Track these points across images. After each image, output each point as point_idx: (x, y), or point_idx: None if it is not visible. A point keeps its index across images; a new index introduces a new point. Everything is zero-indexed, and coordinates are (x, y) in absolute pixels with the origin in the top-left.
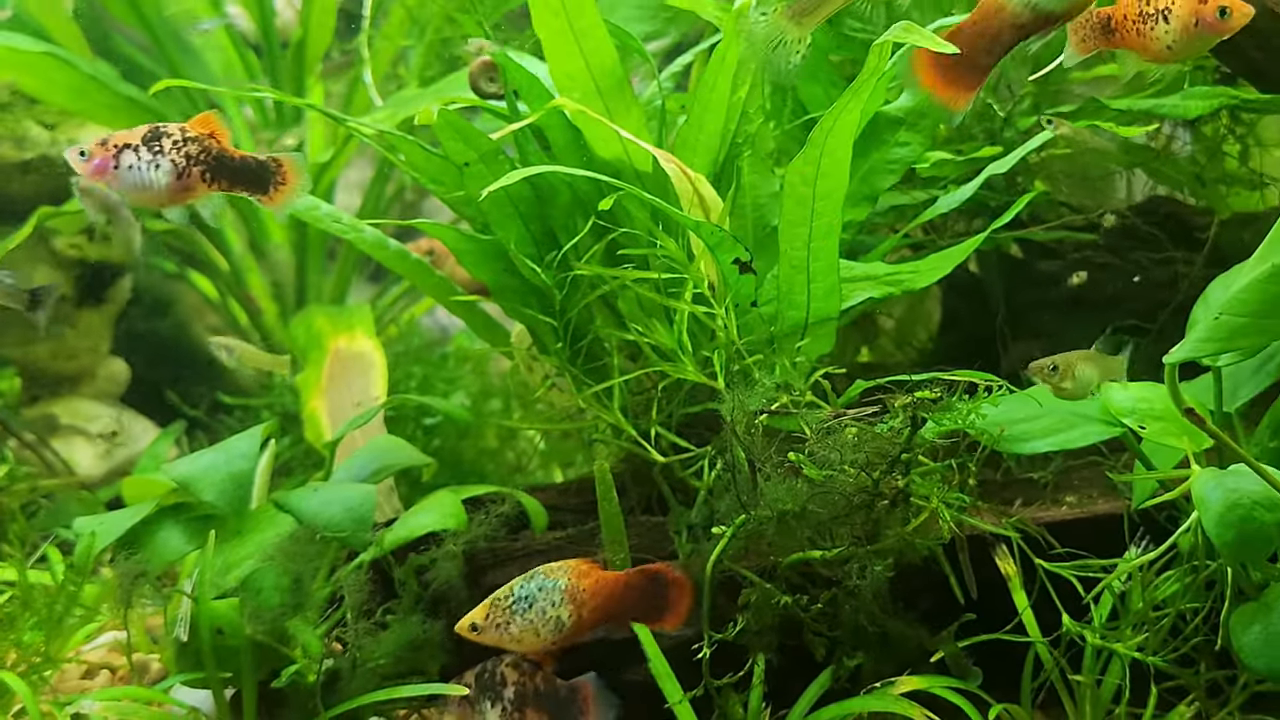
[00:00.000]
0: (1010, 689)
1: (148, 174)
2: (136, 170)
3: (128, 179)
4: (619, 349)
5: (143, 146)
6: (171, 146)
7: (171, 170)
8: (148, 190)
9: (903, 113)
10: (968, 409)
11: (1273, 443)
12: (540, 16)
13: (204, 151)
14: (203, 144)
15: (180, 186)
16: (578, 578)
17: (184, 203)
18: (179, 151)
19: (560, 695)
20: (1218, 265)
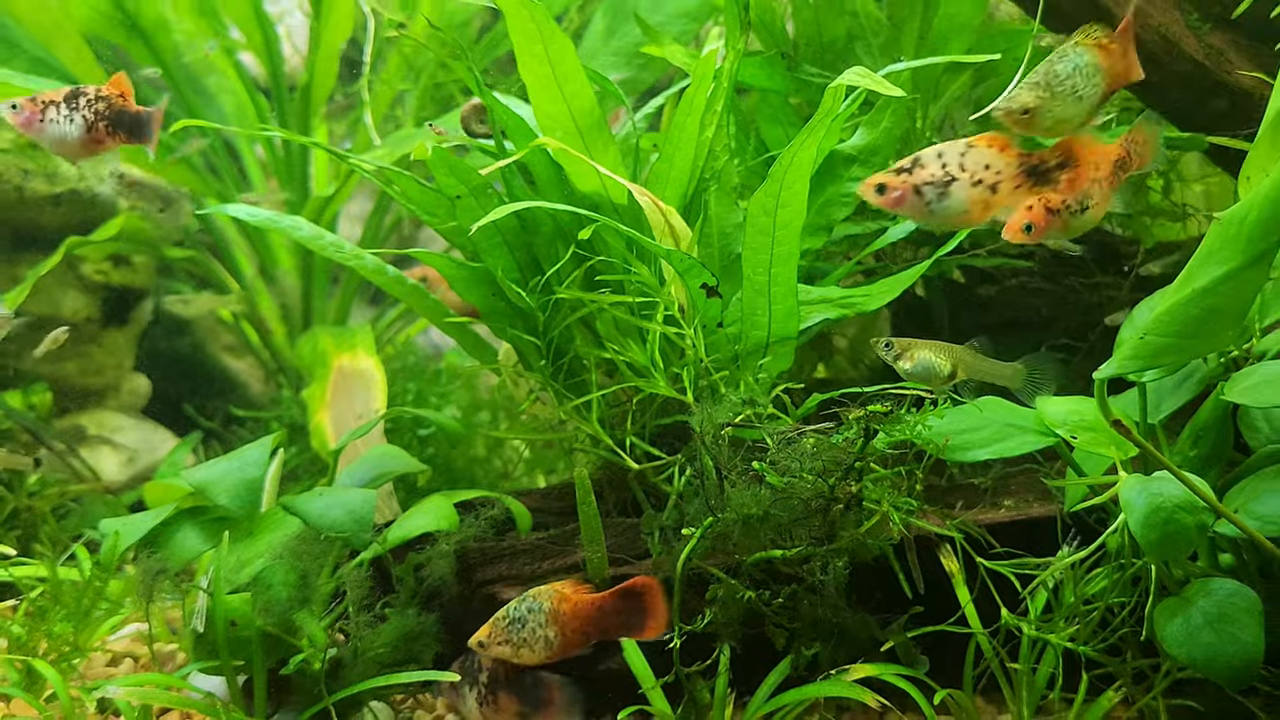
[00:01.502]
0: (954, 676)
1: (65, 127)
2: (56, 124)
3: (50, 131)
4: (597, 366)
5: (63, 103)
6: (85, 104)
7: (83, 124)
8: (65, 142)
9: (856, 150)
10: (915, 421)
11: (1193, 451)
12: (525, 63)
13: (109, 108)
14: (109, 101)
15: (91, 139)
16: (559, 601)
17: (97, 154)
18: (90, 108)
19: (526, 682)
20: (1143, 290)
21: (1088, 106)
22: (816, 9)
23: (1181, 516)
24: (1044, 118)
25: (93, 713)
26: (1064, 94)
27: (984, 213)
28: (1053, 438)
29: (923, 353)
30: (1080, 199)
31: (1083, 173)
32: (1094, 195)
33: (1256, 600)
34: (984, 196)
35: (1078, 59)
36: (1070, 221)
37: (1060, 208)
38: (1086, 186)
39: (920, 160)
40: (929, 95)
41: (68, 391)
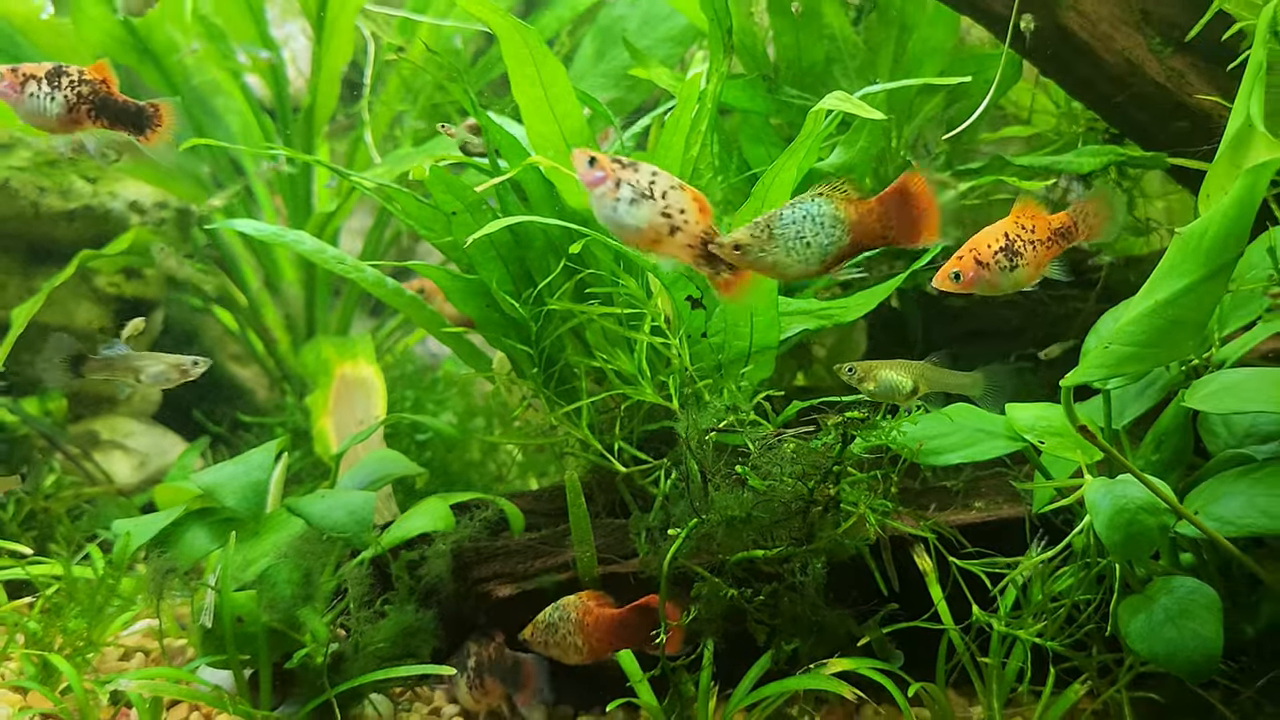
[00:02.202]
0: (927, 670)
1: (44, 103)
2: (36, 99)
3: (28, 105)
4: (587, 374)
5: (45, 80)
6: (68, 84)
7: (64, 104)
8: (42, 117)
9: (834, 168)
10: (890, 427)
11: (1155, 456)
12: (519, 85)
13: (94, 93)
14: (94, 86)
15: (69, 119)
16: (583, 614)
17: (71, 132)
18: (73, 90)
19: (508, 665)
20: (1108, 301)
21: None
22: (796, 34)
23: (1144, 518)
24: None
25: (106, 705)
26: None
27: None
28: (1021, 443)
29: (884, 373)
30: (1010, 256)
31: None
32: (1026, 255)
33: (1216, 598)
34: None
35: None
36: (998, 277)
37: (990, 261)
38: (1026, 245)
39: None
40: (903, 116)
41: (82, 398)
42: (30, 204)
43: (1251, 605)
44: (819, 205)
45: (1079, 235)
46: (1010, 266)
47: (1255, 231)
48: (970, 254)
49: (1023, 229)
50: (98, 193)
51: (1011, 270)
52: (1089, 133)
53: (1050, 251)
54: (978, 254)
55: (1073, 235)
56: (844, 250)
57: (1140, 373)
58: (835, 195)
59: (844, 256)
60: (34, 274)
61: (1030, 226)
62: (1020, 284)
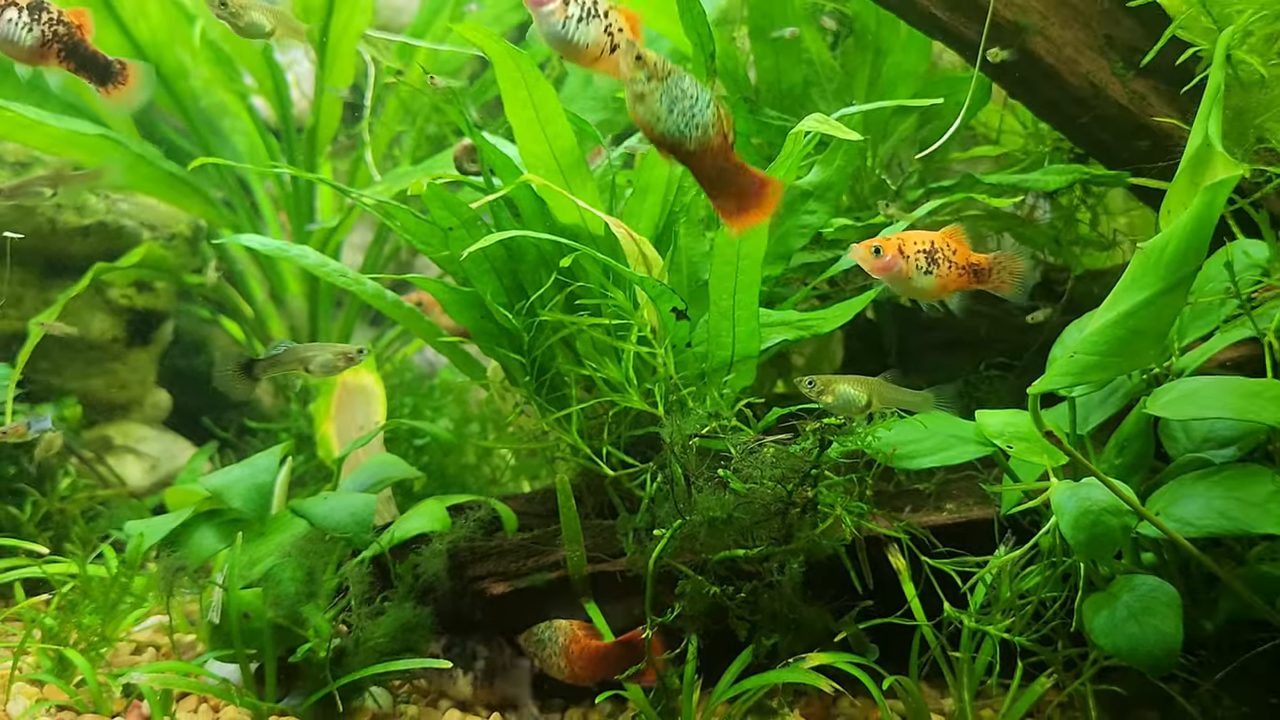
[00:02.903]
0: (901, 664)
1: (19, 32)
2: (12, 25)
3: (3, 30)
4: (577, 382)
5: (26, 10)
6: (46, 20)
7: (38, 38)
8: (13, 45)
9: (812, 186)
10: (866, 432)
11: (1118, 460)
12: (512, 107)
13: (68, 35)
14: (69, 29)
15: (38, 53)
16: (571, 641)
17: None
18: (50, 26)
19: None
20: (1073, 313)
21: (683, 122)
22: (776, 58)
23: (1108, 519)
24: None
25: (119, 697)
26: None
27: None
28: (990, 447)
29: (841, 387)
30: (929, 261)
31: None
32: (940, 269)
33: (1176, 595)
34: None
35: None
36: (911, 275)
37: (911, 255)
38: (944, 260)
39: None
40: (878, 136)
41: (96, 405)
42: (47, 220)
43: (1210, 602)
44: (706, 96)
45: (988, 280)
46: (925, 270)
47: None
48: (897, 240)
49: (949, 247)
50: (110, 209)
51: (924, 274)
52: (1055, 152)
53: (959, 280)
54: (903, 244)
55: (984, 277)
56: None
57: (1104, 381)
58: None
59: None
60: (50, 286)
61: (954, 249)
62: (922, 293)
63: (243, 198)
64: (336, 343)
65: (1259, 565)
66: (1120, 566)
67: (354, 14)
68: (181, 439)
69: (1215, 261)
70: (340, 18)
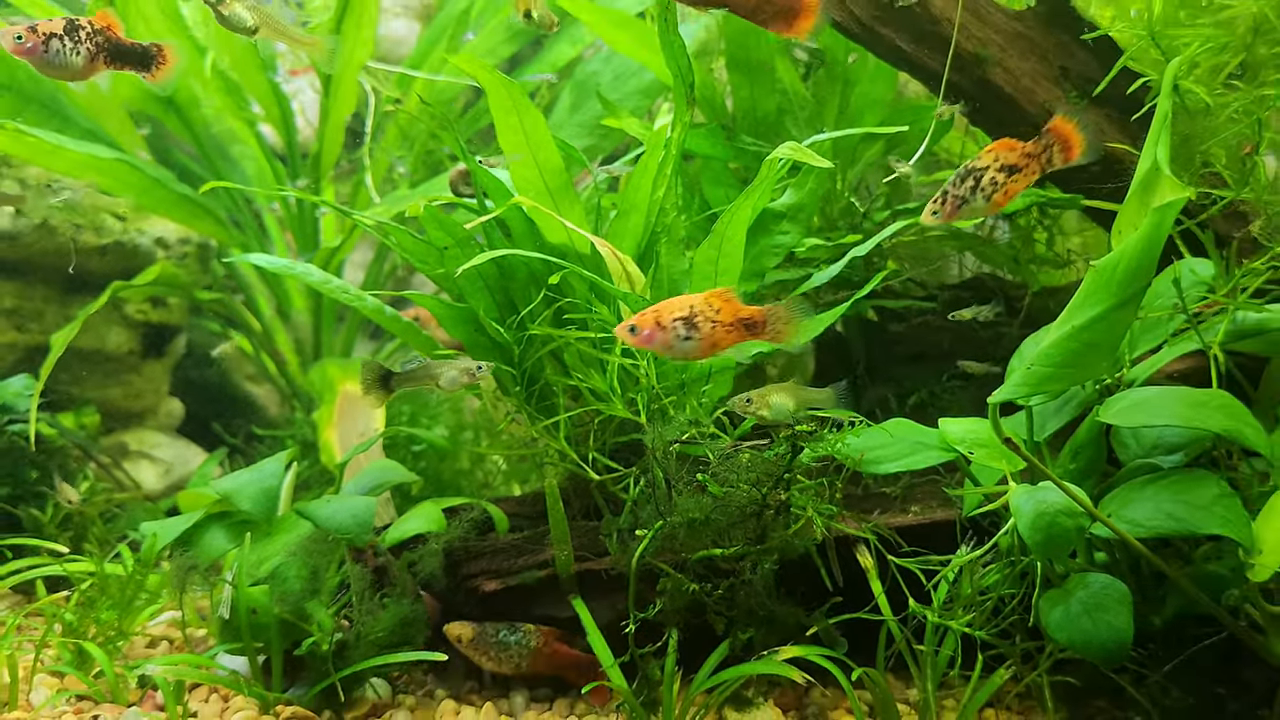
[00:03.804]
0: (869, 656)
1: (69, 57)
2: (61, 54)
3: (54, 60)
4: (564, 392)
5: (65, 36)
6: (85, 36)
7: (86, 55)
8: (66, 69)
9: (785, 208)
10: (835, 439)
11: (1072, 465)
12: (503, 133)
13: (107, 41)
14: (105, 34)
15: (90, 67)
16: (542, 644)
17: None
18: (91, 40)
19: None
20: (1030, 327)
21: None
22: (752, 88)
23: (1063, 520)
24: None
25: (134, 688)
26: None
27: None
28: (953, 453)
29: (771, 398)
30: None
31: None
32: (703, 331)
33: (1127, 592)
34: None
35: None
36: (673, 342)
37: (668, 325)
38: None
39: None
40: (848, 161)
41: (113, 413)
42: (68, 240)
43: (1158, 599)
44: None
45: (763, 332)
46: (685, 336)
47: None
48: (654, 314)
49: (710, 307)
50: (127, 229)
51: (685, 340)
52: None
53: (730, 336)
54: (660, 316)
55: (758, 330)
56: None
57: (1059, 391)
58: None
59: None
60: (70, 302)
61: (718, 308)
62: (690, 355)
63: (251, 219)
64: (463, 361)
65: (1205, 564)
66: (1075, 565)
67: (356, 47)
68: (193, 445)
69: (1164, 279)
70: (344, 50)
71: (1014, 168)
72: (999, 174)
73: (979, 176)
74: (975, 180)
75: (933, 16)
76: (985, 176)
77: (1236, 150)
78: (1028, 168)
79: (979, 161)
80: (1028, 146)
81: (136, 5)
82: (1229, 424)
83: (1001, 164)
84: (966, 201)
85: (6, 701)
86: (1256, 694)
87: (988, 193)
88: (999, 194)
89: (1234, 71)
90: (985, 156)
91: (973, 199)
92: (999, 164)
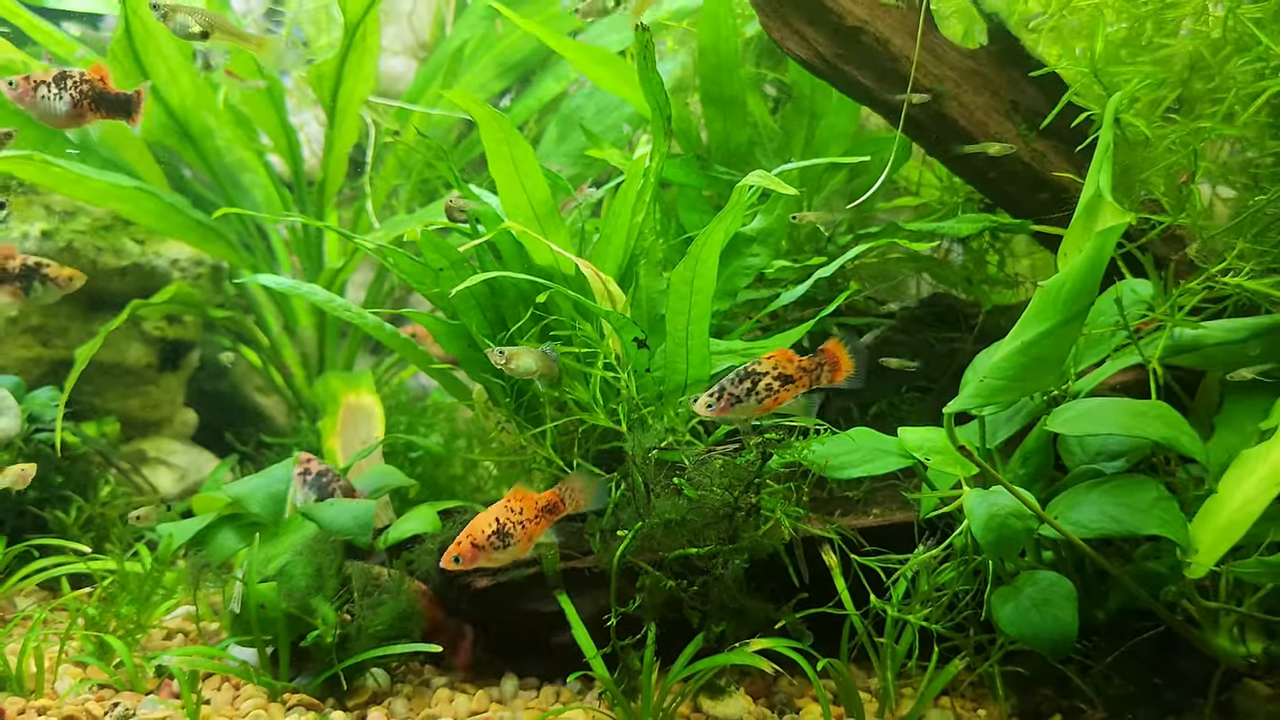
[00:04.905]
0: (833, 648)
1: (55, 104)
2: (47, 100)
3: (41, 106)
4: (550, 403)
5: (53, 84)
6: (72, 85)
7: (70, 102)
8: (54, 115)
9: (755, 233)
10: (802, 446)
11: (1022, 470)
12: (494, 163)
13: (91, 89)
14: (92, 84)
15: (75, 114)
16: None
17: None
18: (76, 89)
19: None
20: (983, 342)
21: None
22: (725, 121)
23: (1013, 522)
24: None
25: (152, 677)
26: None
27: None
28: (911, 459)
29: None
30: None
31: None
32: (516, 535)
33: (1072, 589)
34: None
35: None
36: (495, 553)
37: (484, 543)
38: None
39: None
40: (813, 188)
41: (132, 423)
42: (89, 261)
43: (1101, 595)
44: None
45: (565, 508)
46: (503, 545)
47: (1104, 284)
48: (468, 539)
49: (512, 511)
50: (145, 252)
51: (505, 547)
52: (967, 202)
53: (540, 524)
54: (474, 539)
55: (559, 510)
56: None
57: (1010, 402)
58: None
59: None
60: (92, 320)
61: (519, 509)
62: (517, 556)
63: (260, 242)
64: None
65: (1144, 563)
66: (1024, 563)
67: (358, 83)
68: (206, 452)
69: (1106, 298)
70: (347, 86)
71: (789, 378)
72: (774, 381)
73: (756, 381)
74: (753, 383)
75: (892, 55)
76: (762, 382)
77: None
78: (800, 380)
79: (759, 366)
80: (803, 361)
81: (155, 43)
82: (1167, 433)
83: (779, 373)
84: (740, 400)
85: (34, 689)
86: (1192, 683)
87: (761, 396)
88: (770, 399)
89: (1171, 106)
90: (765, 363)
91: (746, 400)
92: (776, 372)
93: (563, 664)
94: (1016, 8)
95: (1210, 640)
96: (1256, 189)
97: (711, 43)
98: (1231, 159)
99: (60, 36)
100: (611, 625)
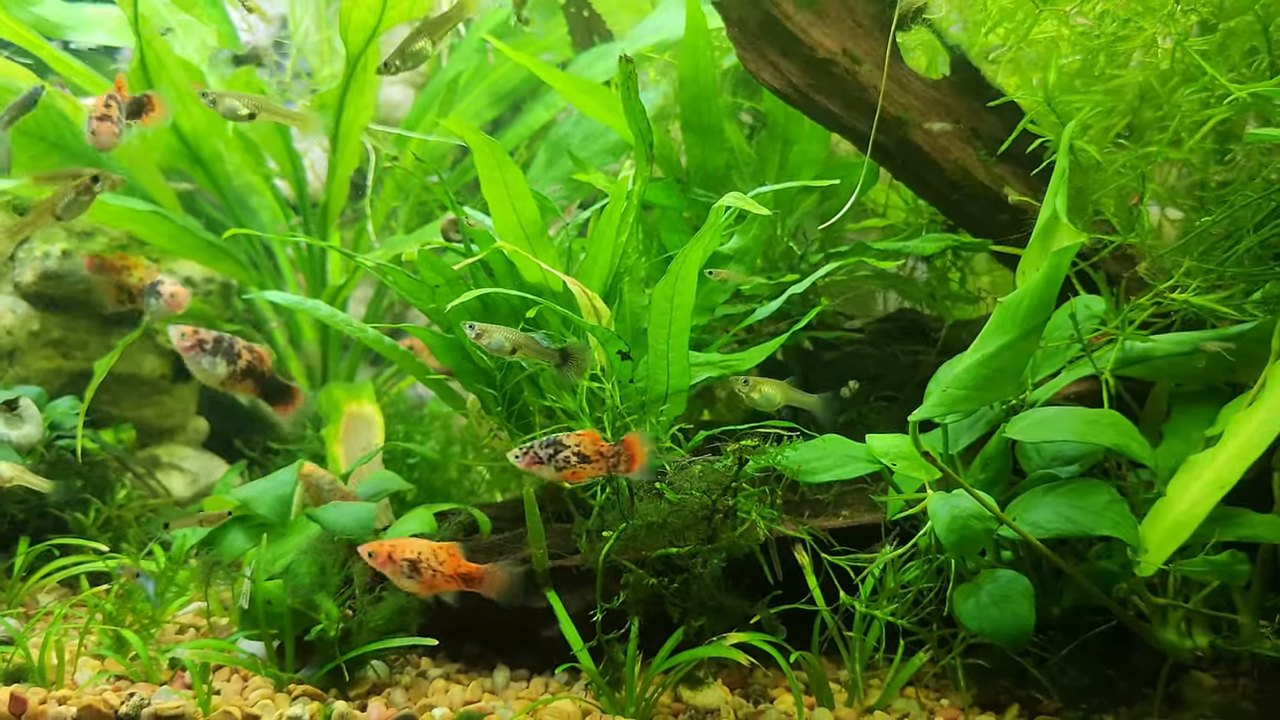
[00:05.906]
0: (805, 641)
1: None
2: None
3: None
4: (540, 411)
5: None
6: (118, 107)
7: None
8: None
9: (732, 251)
10: (776, 452)
11: (982, 475)
12: (487, 186)
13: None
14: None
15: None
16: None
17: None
18: (119, 109)
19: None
20: (946, 355)
21: None
22: (703, 146)
23: (974, 523)
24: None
25: (165, 669)
26: None
27: None
28: (878, 464)
29: (765, 388)
30: (415, 570)
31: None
32: (423, 576)
33: (1029, 586)
34: None
35: None
36: (398, 576)
37: (397, 563)
38: (428, 570)
39: None
40: (786, 210)
41: (147, 430)
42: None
43: (1057, 591)
44: None
45: (477, 588)
46: (408, 576)
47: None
48: (390, 549)
49: (436, 558)
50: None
51: (407, 579)
52: (931, 223)
53: (447, 584)
54: (393, 554)
55: (471, 584)
56: None
57: (971, 410)
58: None
59: None
60: (110, 333)
61: (442, 560)
62: (413, 591)
63: (267, 261)
64: None
65: (1097, 562)
66: (984, 562)
67: (359, 111)
68: (217, 458)
69: (1062, 313)
70: (348, 114)
71: (587, 458)
72: (574, 457)
73: (559, 451)
74: (556, 451)
75: (860, 84)
76: (563, 454)
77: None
78: (596, 463)
79: (568, 439)
80: (604, 447)
81: (168, 73)
82: (1119, 439)
83: (580, 451)
84: (542, 462)
85: (55, 680)
86: (1142, 675)
87: (559, 465)
88: (568, 471)
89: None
90: (572, 439)
91: (548, 464)
92: (578, 449)
93: (551, 656)
94: (977, 40)
95: (1159, 634)
96: (1202, 210)
97: (691, 73)
98: (1179, 182)
99: (81, 69)
100: (597, 620)
